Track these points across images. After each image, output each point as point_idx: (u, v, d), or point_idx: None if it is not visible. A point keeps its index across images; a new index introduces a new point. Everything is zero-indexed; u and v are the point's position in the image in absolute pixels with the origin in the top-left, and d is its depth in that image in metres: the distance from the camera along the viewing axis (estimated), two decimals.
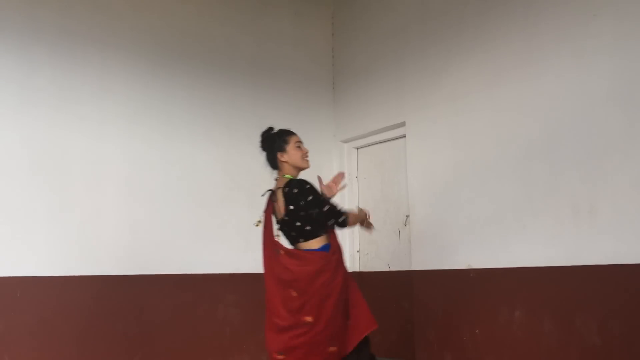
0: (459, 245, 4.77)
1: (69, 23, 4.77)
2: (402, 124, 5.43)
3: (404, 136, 5.46)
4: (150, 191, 4.99)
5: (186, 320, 5.01)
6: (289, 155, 3.40)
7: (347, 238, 5.84)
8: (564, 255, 4.07)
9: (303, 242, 3.34)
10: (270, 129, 3.51)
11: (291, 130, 3.52)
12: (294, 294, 3.20)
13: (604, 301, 3.86)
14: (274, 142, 3.44)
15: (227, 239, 5.32)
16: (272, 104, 5.75)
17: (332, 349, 3.18)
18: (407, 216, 5.36)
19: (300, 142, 3.46)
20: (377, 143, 5.87)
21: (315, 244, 3.31)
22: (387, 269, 5.62)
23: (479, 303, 4.57)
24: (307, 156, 3.45)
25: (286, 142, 3.43)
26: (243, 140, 5.42)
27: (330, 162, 6.13)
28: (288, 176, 3.39)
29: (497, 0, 4.69)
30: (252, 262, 5.32)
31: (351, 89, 6.04)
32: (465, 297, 4.68)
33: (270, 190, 3.51)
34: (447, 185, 4.96)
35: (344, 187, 3.56)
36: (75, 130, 4.72)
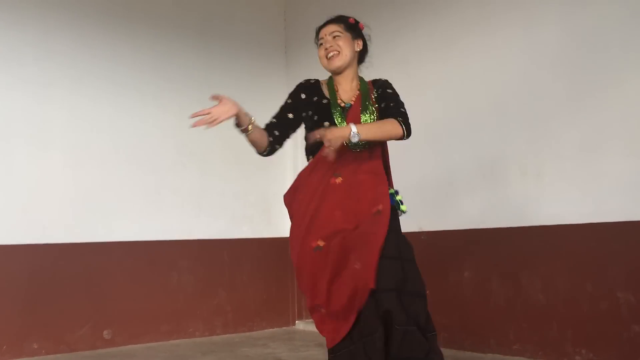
0: (410, 208, 4.69)
1: None
2: None
3: None
4: (98, 157, 4.76)
5: (139, 287, 4.85)
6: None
7: None
8: (512, 216, 4.09)
9: None
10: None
11: (326, 21, 2.79)
12: None
13: (549, 260, 3.90)
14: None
15: (179, 204, 5.13)
16: (223, 68, 5.53)
17: None
18: None
19: (322, 38, 2.70)
20: None
21: None
22: None
23: (430, 265, 4.51)
24: (328, 54, 2.65)
25: (316, 36, 2.74)
26: (194, 104, 5.02)
27: None
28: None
29: None
30: (205, 227, 5.22)
31: (303, 51, 5.87)
32: (417, 259, 4.65)
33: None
34: (397, 149, 4.84)
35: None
36: (19, 93, 4.45)
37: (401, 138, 2.62)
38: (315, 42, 2.73)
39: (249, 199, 5.53)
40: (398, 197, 2.68)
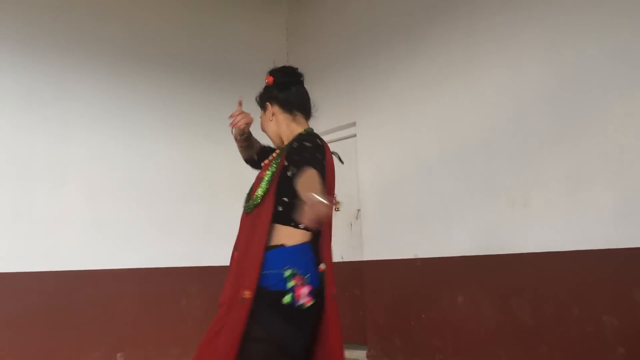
0: (406, 237, 4.85)
1: (31, 28, 4.66)
2: (353, 124, 5.48)
3: (354, 135, 5.50)
4: (113, 189, 4.90)
5: (150, 312, 4.94)
6: None
7: None
8: (501, 244, 4.16)
9: None
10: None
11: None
12: None
13: (537, 286, 3.96)
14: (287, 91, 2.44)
15: (188, 234, 5.25)
16: (228, 105, 5.62)
17: None
18: (359, 210, 5.42)
19: None
20: (329, 142, 5.87)
21: None
22: (341, 260, 5.67)
23: (425, 290, 4.65)
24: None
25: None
26: (204, 139, 5.38)
27: None
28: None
29: (440, 11, 4.76)
30: (212, 255, 5.32)
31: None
32: (413, 284, 4.76)
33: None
34: (395, 181, 5.03)
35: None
36: (40, 131, 4.61)
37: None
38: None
39: None
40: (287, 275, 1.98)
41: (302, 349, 2.01)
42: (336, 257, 5.71)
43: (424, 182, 4.73)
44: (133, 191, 5.00)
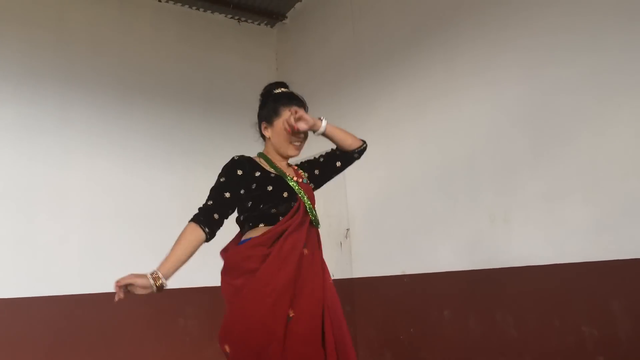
0: (394, 254, 4.86)
1: (32, 62, 4.70)
2: None
3: None
4: (111, 215, 4.92)
5: (149, 332, 4.94)
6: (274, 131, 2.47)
7: None
8: (484, 259, 4.18)
9: None
10: (277, 85, 2.57)
11: (293, 96, 2.53)
12: None
13: (519, 298, 3.98)
14: (263, 107, 2.51)
15: None
16: (223, 132, 5.75)
17: None
18: (348, 229, 5.43)
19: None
20: None
21: None
22: (332, 277, 5.66)
23: (413, 305, 4.65)
24: (297, 143, 2.47)
25: (276, 113, 2.48)
26: (198, 165, 5.41)
27: None
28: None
29: (420, 37, 4.84)
30: (208, 276, 5.30)
31: None
32: (401, 300, 4.76)
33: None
34: (382, 201, 5.06)
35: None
36: (41, 159, 4.63)
37: (356, 150, 2.60)
38: (284, 104, 2.49)
39: None
40: None
41: None
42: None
43: (410, 201, 4.76)
44: (131, 216, 5.01)
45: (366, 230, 5.18)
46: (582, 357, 3.64)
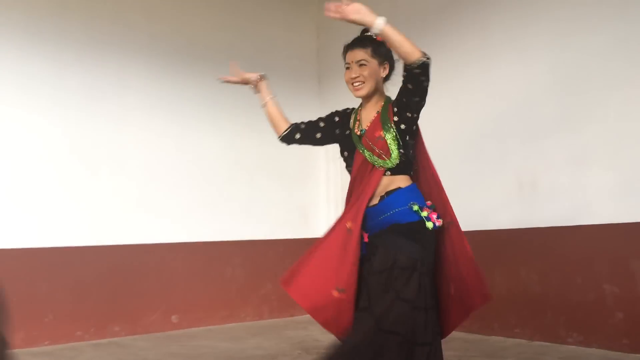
0: None
1: (94, 32, 4.81)
2: None
3: None
4: (165, 173, 5.06)
5: (200, 280, 5.12)
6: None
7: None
8: (511, 220, 4.21)
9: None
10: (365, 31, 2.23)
11: (353, 42, 2.25)
12: None
13: (543, 257, 4.01)
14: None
15: (231, 212, 5.40)
16: None
17: None
18: None
19: (349, 63, 2.22)
20: None
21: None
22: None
23: None
24: (354, 82, 2.21)
25: (343, 55, 2.26)
26: (245, 127, 5.49)
27: (316, 150, 6.19)
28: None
29: (453, 8, 4.77)
30: (253, 230, 5.48)
31: (335, 80, 6.05)
32: None
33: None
34: None
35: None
36: (102, 121, 4.79)
37: (416, 63, 2.05)
38: (343, 57, 2.28)
39: (289, 206, 5.76)
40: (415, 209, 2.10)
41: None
42: None
43: (439, 164, 4.70)
44: (182, 174, 5.15)
45: None
46: (602, 312, 3.70)
